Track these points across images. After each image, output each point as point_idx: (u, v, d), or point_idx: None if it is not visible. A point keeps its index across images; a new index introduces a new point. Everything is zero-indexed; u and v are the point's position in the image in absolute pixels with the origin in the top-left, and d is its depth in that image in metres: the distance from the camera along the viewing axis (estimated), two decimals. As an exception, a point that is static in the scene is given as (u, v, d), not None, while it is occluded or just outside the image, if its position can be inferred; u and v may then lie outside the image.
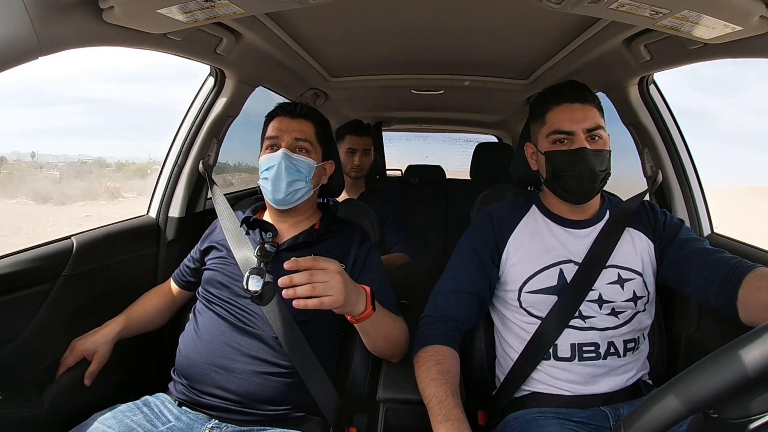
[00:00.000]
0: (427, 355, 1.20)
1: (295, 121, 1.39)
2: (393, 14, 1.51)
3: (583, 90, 1.27)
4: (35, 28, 0.87)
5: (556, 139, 1.25)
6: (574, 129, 1.22)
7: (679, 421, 0.60)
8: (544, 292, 1.25)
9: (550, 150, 1.27)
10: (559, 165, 1.24)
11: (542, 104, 1.30)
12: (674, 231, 1.27)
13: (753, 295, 1.04)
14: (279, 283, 0.99)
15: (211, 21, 1.16)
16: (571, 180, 1.23)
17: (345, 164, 2.51)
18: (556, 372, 1.23)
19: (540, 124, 1.31)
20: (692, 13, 0.98)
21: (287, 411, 1.24)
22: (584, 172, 1.21)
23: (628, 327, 1.23)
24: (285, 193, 1.33)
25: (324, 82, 2.37)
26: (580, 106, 1.24)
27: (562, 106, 1.25)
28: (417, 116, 3.72)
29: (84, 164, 8.96)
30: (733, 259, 1.14)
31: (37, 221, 5.64)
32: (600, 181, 1.24)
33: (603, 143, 1.24)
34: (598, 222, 1.31)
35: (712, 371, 0.57)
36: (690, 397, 0.58)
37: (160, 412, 1.21)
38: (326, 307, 1.01)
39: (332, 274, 1.02)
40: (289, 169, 1.33)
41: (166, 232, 1.79)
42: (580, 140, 1.22)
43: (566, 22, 1.47)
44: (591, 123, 1.22)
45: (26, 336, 1.25)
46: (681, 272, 1.22)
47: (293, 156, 1.34)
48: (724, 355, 0.57)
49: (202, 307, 1.34)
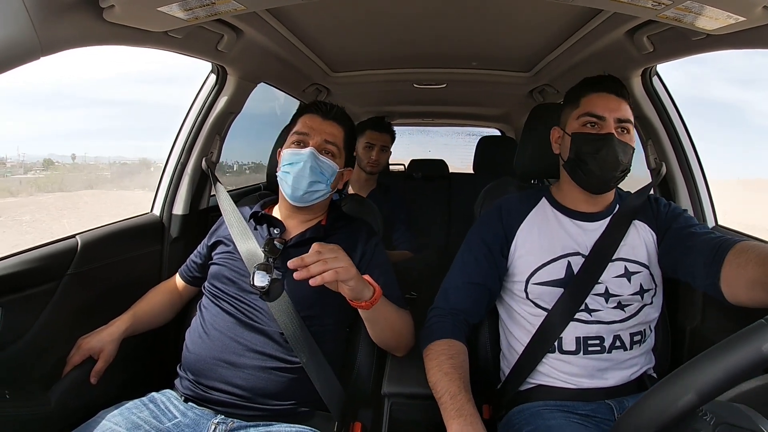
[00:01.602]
0: (440, 348, 1.20)
1: (327, 123, 1.38)
2: (394, 8, 1.50)
3: (621, 86, 1.28)
4: (36, 28, 0.87)
5: (587, 122, 1.25)
6: (605, 115, 1.23)
7: (678, 417, 0.60)
8: (551, 284, 1.25)
9: (578, 131, 1.27)
10: (584, 147, 1.24)
11: (579, 89, 1.31)
12: (672, 219, 1.27)
13: (734, 273, 1.03)
14: (290, 264, 1.02)
15: (211, 18, 1.16)
16: (593, 163, 1.23)
17: (362, 158, 2.54)
18: (560, 365, 1.23)
19: (572, 107, 1.30)
20: (695, 3, 0.97)
21: (293, 406, 1.24)
22: (608, 157, 1.21)
23: (634, 320, 1.23)
24: (304, 191, 1.33)
25: (326, 78, 2.36)
26: (616, 97, 1.25)
27: (599, 93, 1.26)
28: (420, 110, 3.72)
29: (125, 165, 9.10)
30: (717, 239, 1.13)
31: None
32: (620, 171, 1.23)
33: (630, 138, 1.25)
34: (607, 216, 1.30)
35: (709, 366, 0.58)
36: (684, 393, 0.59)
37: (167, 408, 1.22)
38: (341, 277, 1.04)
39: (338, 251, 1.07)
40: (313, 169, 1.32)
41: (170, 229, 1.80)
42: (609, 126, 1.22)
43: (569, 14, 1.46)
44: (623, 114, 1.24)
45: (32, 335, 1.26)
46: (673, 259, 1.22)
47: (320, 157, 1.33)
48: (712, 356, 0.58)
49: (208, 302, 1.35)
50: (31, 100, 7.08)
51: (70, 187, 8.18)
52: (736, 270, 1.03)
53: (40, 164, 7.97)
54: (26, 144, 8.77)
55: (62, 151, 8.53)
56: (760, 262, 0.97)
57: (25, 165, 7.92)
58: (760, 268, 0.96)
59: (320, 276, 1.01)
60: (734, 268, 1.03)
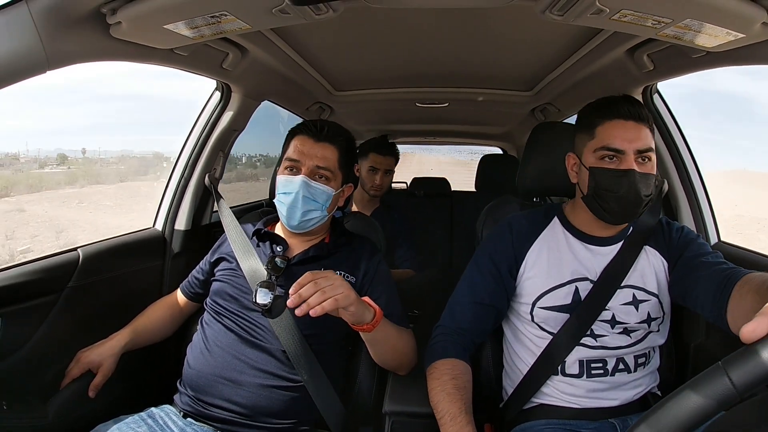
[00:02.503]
0: (444, 368, 1.19)
1: (319, 145, 1.34)
2: (397, 28, 1.52)
3: (639, 107, 1.16)
4: (43, 42, 0.88)
5: (604, 155, 1.15)
6: (624, 148, 1.13)
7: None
8: (557, 309, 1.22)
9: (595, 166, 1.17)
10: (604, 184, 1.15)
11: (593, 116, 1.20)
12: (684, 247, 1.22)
13: (736, 304, 0.99)
14: (289, 304, 1.00)
15: (217, 36, 1.18)
16: (613, 201, 1.15)
17: (366, 181, 2.52)
18: (564, 387, 1.21)
19: (588, 137, 1.20)
20: (694, 21, 0.98)
21: (293, 425, 1.23)
22: (629, 195, 1.12)
23: (639, 346, 1.21)
24: (299, 220, 1.32)
25: (329, 96, 2.38)
26: (634, 124, 1.14)
27: (614, 121, 1.15)
28: (422, 129, 3.74)
29: (141, 158, 9.26)
30: (727, 270, 1.08)
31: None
32: (643, 206, 1.15)
33: (651, 167, 1.15)
34: (620, 240, 1.26)
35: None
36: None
37: (165, 424, 1.21)
38: (341, 304, 1.02)
39: (334, 277, 1.05)
40: (306, 199, 1.31)
41: (172, 244, 1.80)
42: (630, 161, 1.13)
43: (569, 34, 1.48)
44: (643, 144, 1.13)
45: (32, 346, 1.25)
46: (683, 288, 1.18)
47: (312, 184, 1.31)
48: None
49: (210, 319, 1.34)
50: (38, 95, 7.22)
51: (106, 179, 8.41)
52: (738, 302, 0.99)
53: (54, 159, 8.10)
54: (34, 139, 8.97)
55: (69, 145, 8.62)
56: (756, 290, 0.94)
57: (40, 160, 8.06)
58: (756, 296, 0.93)
59: (320, 306, 0.99)
60: (736, 300, 0.99)
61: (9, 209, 6.83)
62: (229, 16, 1.05)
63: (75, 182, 8.11)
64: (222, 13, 1.03)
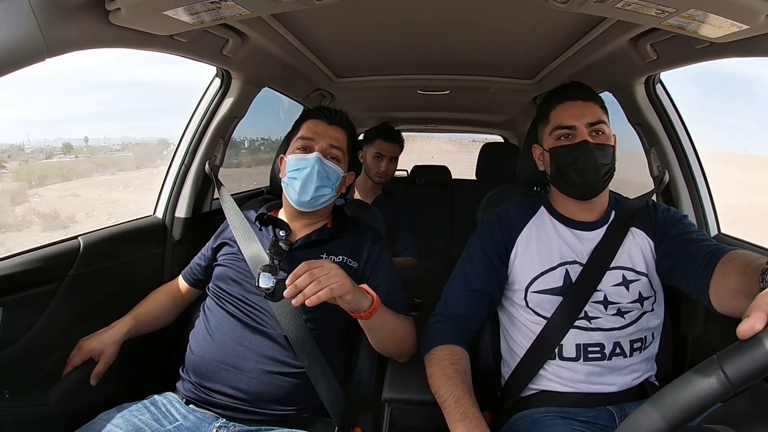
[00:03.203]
0: (442, 353, 1.21)
1: (332, 128, 1.40)
2: (399, 14, 1.51)
3: (584, 88, 1.30)
4: (42, 30, 0.88)
5: (560, 135, 1.28)
6: (575, 123, 1.25)
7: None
8: (550, 292, 1.25)
9: (553, 146, 1.29)
10: (563, 160, 1.26)
11: (546, 105, 1.34)
12: (670, 226, 1.27)
13: (720, 281, 1.02)
14: (285, 294, 1.02)
15: (217, 22, 1.17)
16: (574, 174, 1.25)
17: (371, 168, 2.56)
18: (561, 372, 1.22)
19: (545, 124, 1.34)
20: (698, 11, 0.98)
21: (295, 411, 1.24)
22: (587, 165, 1.23)
23: (634, 327, 1.23)
24: (311, 196, 1.34)
25: (330, 83, 2.37)
26: (582, 103, 1.27)
27: (564, 104, 1.29)
28: (423, 116, 3.72)
29: (147, 146, 9.35)
30: (710, 247, 1.12)
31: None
32: (603, 174, 1.25)
33: (606, 138, 1.26)
34: (604, 224, 1.31)
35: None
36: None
37: (168, 411, 1.22)
38: (337, 293, 1.04)
39: (329, 266, 1.07)
40: (320, 174, 1.33)
41: (172, 232, 1.80)
42: (582, 134, 1.24)
43: (572, 22, 1.46)
44: (592, 117, 1.25)
45: (33, 335, 1.26)
46: (668, 265, 1.22)
47: (326, 162, 1.35)
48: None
49: (213, 304, 1.35)
50: (36, 84, 7.24)
51: (126, 166, 8.53)
52: (721, 278, 1.02)
53: (59, 149, 8.13)
54: (35, 129, 9.02)
55: (69, 134, 8.67)
56: (742, 270, 0.96)
57: (47, 150, 8.07)
58: (741, 276, 0.95)
59: (315, 296, 1.00)
60: (720, 276, 1.03)
61: (64, 194, 6.92)
62: (229, 1, 1.03)
63: (106, 169, 8.27)
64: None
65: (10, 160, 6.93)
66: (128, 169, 8.58)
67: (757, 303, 0.61)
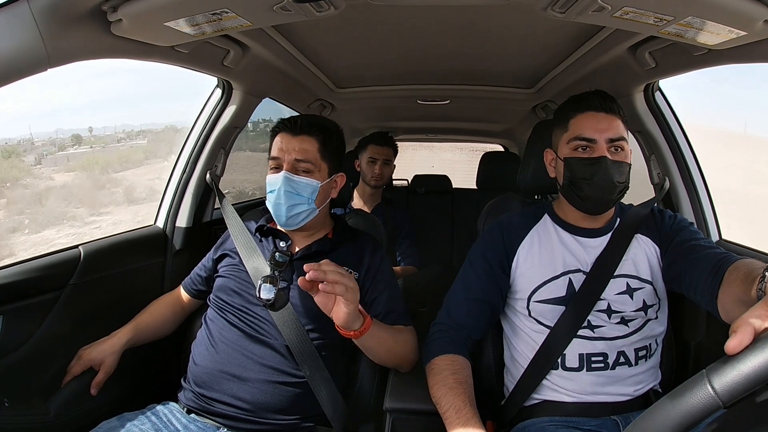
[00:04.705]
0: (443, 363, 1.20)
1: (296, 139, 1.33)
2: (398, 26, 1.52)
3: (610, 100, 1.23)
4: (44, 40, 0.88)
5: (577, 146, 1.22)
6: (596, 137, 1.19)
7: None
8: (552, 302, 1.23)
9: (569, 156, 1.24)
10: (578, 172, 1.21)
11: (567, 111, 1.27)
12: (676, 232, 1.25)
13: (727, 291, 1.00)
14: (306, 267, 1.00)
15: (218, 34, 1.18)
16: (587, 188, 1.21)
17: (366, 173, 2.57)
18: (564, 382, 1.21)
19: (562, 131, 1.27)
20: (696, 19, 0.98)
21: (296, 421, 1.23)
22: (602, 181, 1.18)
23: (638, 335, 1.21)
24: (286, 216, 1.32)
25: (330, 93, 2.38)
26: (605, 115, 1.20)
27: (586, 113, 1.22)
28: (423, 126, 3.74)
29: (162, 132, 9.59)
30: (719, 255, 1.09)
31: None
32: (617, 193, 1.21)
33: (624, 155, 1.21)
34: (609, 231, 1.28)
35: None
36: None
37: (168, 421, 1.21)
38: (348, 298, 1.04)
39: (348, 274, 1.06)
40: (288, 194, 1.30)
41: (173, 241, 1.80)
42: (602, 149, 1.19)
43: (571, 31, 1.47)
44: (614, 133, 1.19)
45: (33, 344, 1.26)
46: (676, 273, 1.19)
47: (294, 178, 1.31)
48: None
49: (214, 315, 1.34)
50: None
51: (157, 153, 8.71)
52: (727, 289, 1.00)
53: (69, 140, 8.25)
54: (36, 122, 9.15)
55: (69, 125, 8.76)
56: (744, 279, 0.94)
57: (59, 143, 8.19)
58: (743, 285, 0.93)
59: (331, 286, 1.00)
60: (726, 287, 1.00)
61: (151, 177, 7.07)
62: (230, 13, 1.04)
63: (155, 157, 8.61)
64: (223, 11, 1.03)
65: (25, 154, 7.03)
66: (162, 155, 8.83)
67: (744, 318, 0.60)
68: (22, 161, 7.29)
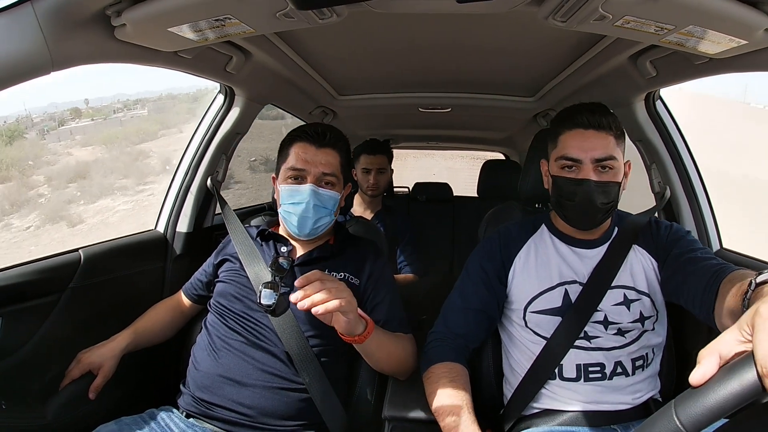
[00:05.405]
0: (440, 371, 1.19)
1: (322, 152, 1.32)
2: (400, 33, 1.52)
3: (600, 116, 1.18)
4: (48, 44, 0.89)
5: (564, 165, 1.20)
6: (581, 157, 1.17)
7: None
8: (548, 312, 1.23)
9: (556, 174, 1.23)
10: (562, 192, 1.21)
11: (557, 125, 1.25)
12: (673, 244, 1.23)
13: (721, 304, 0.98)
14: (291, 299, 1.00)
15: (221, 40, 1.18)
16: (570, 209, 1.21)
17: (361, 183, 2.55)
18: (562, 392, 1.21)
19: (553, 145, 1.26)
20: (697, 28, 0.98)
21: (296, 428, 1.23)
22: (583, 203, 1.18)
23: (635, 345, 1.21)
24: (310, 229, 1.32)
25: (332, 101, 2.39)
26: (594, 133, 1.17)
27: (574, 131, 1.19)
28: (424, 134, 3.75)
29: (160, 100, 9.82)
30: (715, 267, 1.07)
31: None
32: (602, 213, 1.20)
33: (613, 174, 1.18)
34: (605, 242, 1.28)
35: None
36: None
37: (167, 425, 1.21)
38: (344, 309, 1.02)
39: (339, 283, 1.06)
40: (316, 207, 1.30)
41: (173, 246, 1.80)
42: (587, 170, 1.17)
43: (572, 40, 1.48)
44: (601, 153, 1.16)
45: (31, 347, 1.26)
46: (674, 285, 1.18)
47: (320, 191, 1.30)
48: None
49: (215, 320, 1.34)
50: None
51: (169, 123, 8.78)
52: (722, 301, 0.98)
53: (68, 114, 8.34)
54: (29, 98, 9.27)
55: (63, 98, 8.88)
56: (735, 291, 0.93)
57: (57, 116, 8.27)
58: (734, 297, 0.92)
59: (324, 306, 0.99)
60: (720, 299, 0.99)
61: (176, 148, 7.37)
62: (233, 19, 1.05)
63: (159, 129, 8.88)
64: (226, 17, 1.03)
65: (27, 131, 7.09)
66: (175, 123, 9.07)
67: (711, 346, 0.60)
68: (24, 138, 7.37)
